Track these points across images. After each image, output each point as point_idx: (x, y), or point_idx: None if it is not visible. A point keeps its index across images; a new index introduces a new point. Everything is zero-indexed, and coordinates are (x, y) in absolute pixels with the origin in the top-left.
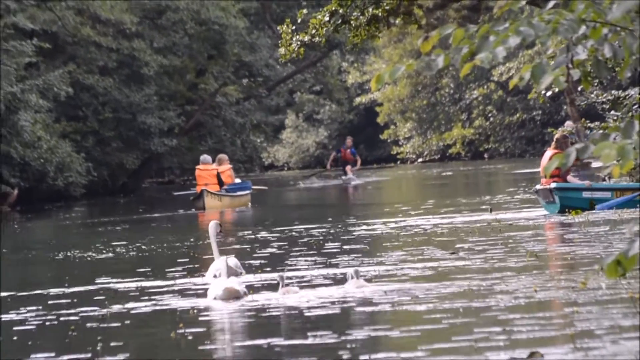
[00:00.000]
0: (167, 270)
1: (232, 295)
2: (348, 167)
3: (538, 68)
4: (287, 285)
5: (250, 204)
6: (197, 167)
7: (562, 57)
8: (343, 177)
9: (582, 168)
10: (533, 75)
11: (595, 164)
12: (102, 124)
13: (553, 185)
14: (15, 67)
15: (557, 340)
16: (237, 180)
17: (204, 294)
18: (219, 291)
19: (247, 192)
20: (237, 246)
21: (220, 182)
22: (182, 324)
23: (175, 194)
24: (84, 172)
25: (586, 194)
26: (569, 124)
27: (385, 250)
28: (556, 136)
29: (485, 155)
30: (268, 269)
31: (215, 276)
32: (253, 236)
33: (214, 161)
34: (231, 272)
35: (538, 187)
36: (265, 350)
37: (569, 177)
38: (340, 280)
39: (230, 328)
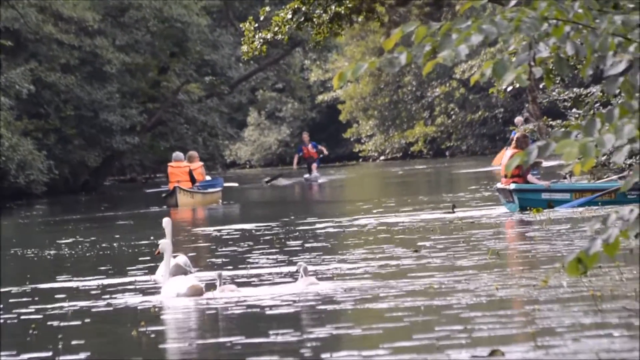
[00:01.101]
0: (128, 268)
1: (197, 292)
2: (313, 166)
3: (499, 65)
4: (224, 283)
5: (221, 201)
6: (170, 164)
7: (524, 54)
8: (306, 176)
9: (533, 167)
10: (494, 72)
11: (546, 163)
12: (63, 121)
13: (512, 186)
14: None
15: (518, 339)
16: (207, 178)
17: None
18: (184, 289)
19: (219, 189)
20: (203, 243)
21: (193, 180)
22: (143, 322)
23: (147, 191)
24: (45, 170)
25: (545, 195)
26: (518, 119)
27: (346, 248)
28: (516, 135)
29: (447, 153)
30: (230, 266)
31: (162, 275)
32: (218, 233)
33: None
34: (180, 270)
35: (499, 185)
36: (227, 348)
37: (529, 177)
38: (292, 277)
39: (192, 326)
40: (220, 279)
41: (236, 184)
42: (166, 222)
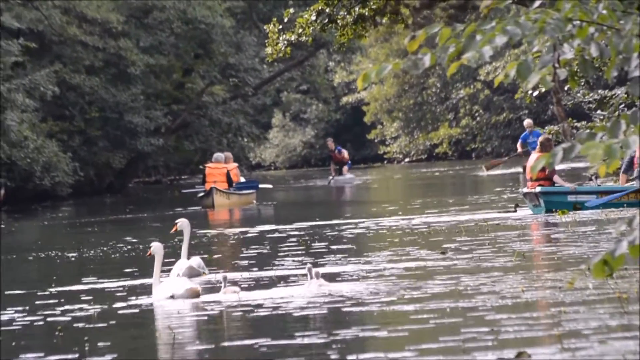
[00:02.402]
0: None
1: (194, 295)
2: (345, 168)
3: (523, 66)
4: (228, 285)
5: (255, 202)
6: (208, 165)
7: (549, 56)
8: (337, 178)
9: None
10: (518, 73)
11: (561, 167)
12: (88, 123)
13: (538, 189)
14: (2, 66)
15: (544, 341)
16: (242, 179)
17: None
18: (180, 290)
19: (254, 190)
20: (231, 244)
21: (229, 181)
22: (169, 324)
23: (184, 191)
24: (70, 172)
25: (571, 198)
26: (528, 122)
27: (372, 250)
28: (540, 139)
29: (473, 155)
30: (255, 268)
31: (178, 275)
32: (248, 234)
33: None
34: (194, 272)
35: (524, 190)
36: (253, 350)
37: (556, 177)
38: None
39: (217, 328)
40: (225, 281)
41: (270, 185)
42: (185, 223)
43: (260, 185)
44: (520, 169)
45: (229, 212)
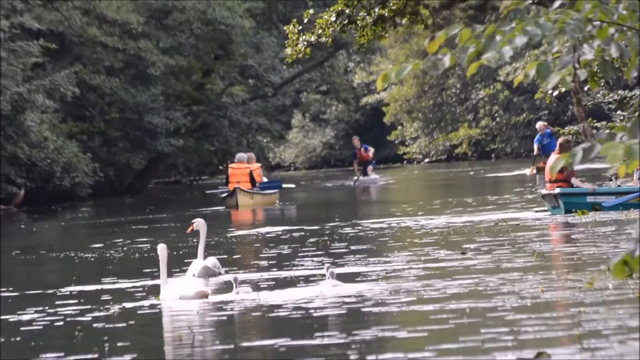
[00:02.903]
0: (173, 270)
1: (202, 297)
2: (369, 168)
3: (543, 66)
4: (240, 286)
5: (278, 202)
6: (231, 165)
7: (569, 56)
8: (362, 178)
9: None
10: (538, 74)
11: (579, 167)
12: (108, 124)
13: (557, 190)
14: (22, 67)
15: (564, 341)
16: (264, 179)
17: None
18: (190, 292)
19: (277, 190)
20: (253, 244)
21: (253, 181)
22: (188, 324)
23: (208, 192)
24: (90, 173)
25: (590, 199)
26: (540, 124)
27: (392, 250)
28: (559, 141)
29: (492, 156)
30: (275, 268)
31: (194, 275)
32: (269, 234)
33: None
34: (209, 272)
35: (543, 192)
36: (272, 350)
37: (574, 180)
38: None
39: (237, 328)
40: (236, 282)
41: (293, 185)
42: (201, 223)
43: (284, 185)
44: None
45: (253, 212)
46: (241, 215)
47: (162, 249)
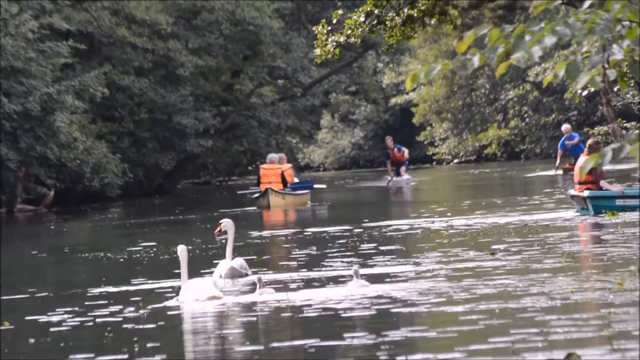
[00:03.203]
0: (202, 270)
1: (215, 299)
2: (402, 169)
3: (572, 66)
4: (264, 286)
5: (309, 202)
6: (262, 166)
7: (598, 56)
8: (396, 179)
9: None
10: (568, 73)
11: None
12: (137, 124)
13: (586, 193)
14: (51, 68)
15: (594, 342)
16: (295, 180)
17: (244, 295)
18: (203, 297)
19: (309, 190)
20: (283, 245)
21: (284, 181)
22: (218, 325)
23: (239, 192)
24: (119, 173)
25: (619, 202)
26: (566, 127)
27: (421, 251)
28: (589, 142)
29: (522, 156)
30: (304, 269)
31: (220, 276)
32: (300, 235)
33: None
34: (236, 273)
35: (572, 192)
36: (302, 351)
37: (602, 182)
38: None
39: (266, 329)
40: (260, 283)
41: (324, 186)
42: (229, 224)
43: (315, 186)
44: (557, 172)
45: (284, 212)
46: (272, 215)
47: (182, 249)
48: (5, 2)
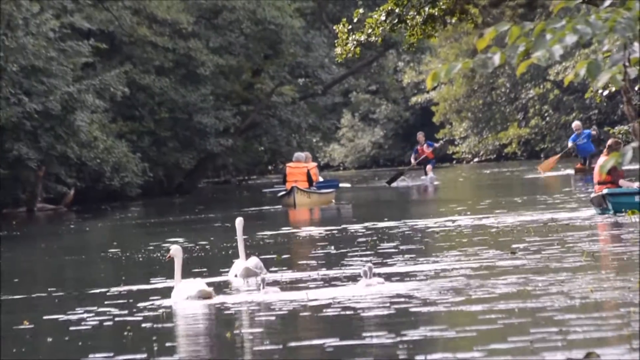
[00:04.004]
0: (221, 270)
1: (206, 296)
2: (428, 167)
3: (593, 65)
4: (267, 285)
5: (334, 201)
6: (288, 164)
7: (619, 54)
8: (422, 178)
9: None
10: (588, 72)
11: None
12: (158, 124)
13: (605, 191)
14: (72, 67)
15: (613, 341)
16: (320, 179)
17: (255, 293)
18: (193, 292)
19: (334, 189)
20: (304, 244)
21: (310, 180)
22: (237, 324)
23: (265, 191)
24: (140, 172)
25: (638, 198)
26: (576, 124)
27: (441, 250)
28: (608, 142)
29: (542, 155)
30: (324, 267)
31: (235, 275)
32: (322, 233)
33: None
34: (251, 272)
35: (592, 195)
36: (321, 350)
37: (622, 182)
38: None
39: (285, 328)
40: (264, 283)
41: (349, 185)
42: (238, 221)
43: (341, 185)
44: (572, 172)
45: (309, 211)
46: (298, 214)
47: (176, 250)
48: (27, 1)
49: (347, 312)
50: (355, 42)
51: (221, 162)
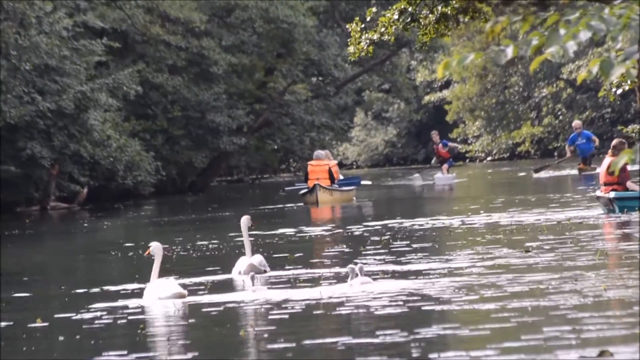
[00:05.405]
0: (229, 268)
1: (180, 296)
2: (444, 167)
3: (606, 62)
4: (256, 284)
5: (355, 199)
6: (310, 162)
7: (633, 47)
8: (437, 176)
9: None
10: (601, 70)
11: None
12: (171, 122)
13: (612, 194)
14: (85, 66)
15: (626, 339)
16: (340, 176)
17: (271, 292)
18: (167, 293)
19: (355, 187)
20: (318, 241)
21: (332, 177)
22: (251, 322)
23: (286, 189)
24: (152, 171)
25: None
26: (577, 123)
27: (454, 248)
28: (613, 143)
29: (555, 154)
30: (336, 266)
31: (240, 273)
32: (336, 231)
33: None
34: (255, 269)
35: (598, 193)
36: (334, 349)
37: (629, 183)
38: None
39: (300, 326)
40: (254, 280)
41: (370, 182)
42: (244, 219)
43: (362, 182)
44: (575, 172)
45: (331, 209)
46: (319, 212)
47: (157, 247)
48: (40, 0)
49: (360, 311)
50: (368, 41)
51: (234, 161)
